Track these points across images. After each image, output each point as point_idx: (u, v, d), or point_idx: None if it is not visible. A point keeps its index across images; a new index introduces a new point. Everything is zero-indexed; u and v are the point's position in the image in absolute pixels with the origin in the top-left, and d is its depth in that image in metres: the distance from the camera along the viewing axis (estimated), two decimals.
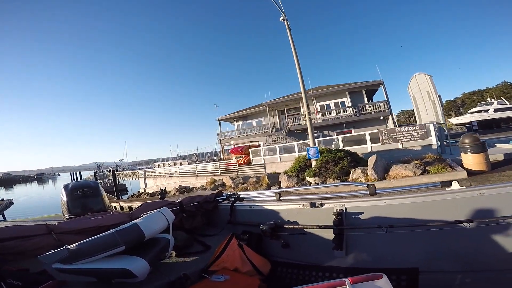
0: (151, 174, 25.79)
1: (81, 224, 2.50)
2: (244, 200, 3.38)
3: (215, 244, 2.68)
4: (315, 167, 11.14)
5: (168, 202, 3.29)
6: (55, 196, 31.46)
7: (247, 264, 2.35)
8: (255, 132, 26.18)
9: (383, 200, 2.21)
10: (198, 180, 18.06)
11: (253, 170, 16.25)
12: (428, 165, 9.53)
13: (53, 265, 1.79)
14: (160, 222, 2.25)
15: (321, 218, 2.44)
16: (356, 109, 22.05)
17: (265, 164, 16.19)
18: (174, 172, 21.46)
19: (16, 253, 1.99)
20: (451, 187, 2.05)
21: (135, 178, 31.91)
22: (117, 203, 12.44)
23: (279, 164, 15.62)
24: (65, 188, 4.15)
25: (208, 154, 40.01)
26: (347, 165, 10.89)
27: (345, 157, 11.21)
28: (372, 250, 2.23)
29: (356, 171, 10.15)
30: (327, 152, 11.54)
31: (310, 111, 12.50)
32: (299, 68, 12.23)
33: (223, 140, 28.09)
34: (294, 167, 12.22)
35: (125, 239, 1.85)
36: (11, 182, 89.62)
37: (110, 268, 1.80)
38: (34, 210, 21.04)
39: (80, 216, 3.43)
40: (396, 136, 13.82)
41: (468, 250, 1.89)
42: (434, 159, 10.52)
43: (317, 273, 2.37)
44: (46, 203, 28.56)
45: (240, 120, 29.23)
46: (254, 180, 12.78)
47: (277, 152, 16.39)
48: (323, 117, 23.43)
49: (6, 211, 15.47)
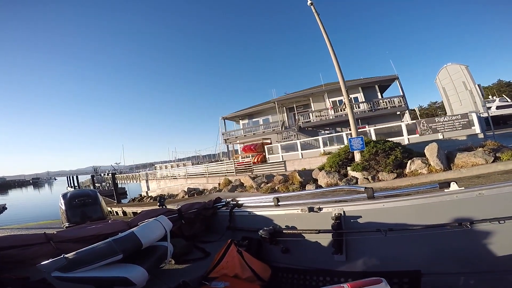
0: (154, 176, 23.44)
1: (79, 232, 2.41)
2: (243, 206, 3.26)
3: (214, 251, 2.59)
4: (361, 160, 9.24)
5: (167, 209, 3.19)
6: (50, 201, 28.92)
7: (247, 270, 2.24)
8: (263, 130, 24.33)
9: (382, 203, 2.12)
10: (209, 182, 15.96)
11: (271, 168, 14.30)
12: (495, 152, 7.88)
13: (52, 274, 1.76)
14: (158, 230, 2.17)
15: (319, 222, 2.36)
16: (371, 104, 20.44)
17: (285, 161, 14.20)
18: (181, 174, 19.26)
19: (16, 262, 1.97)
20: (450, 188, 1.97)
21: (136, 180, 29.53)
22: (118, 208, 10.93)
23: (302, 161, 13.68)
24: (63, 197, 4.07)
25: (206, 157, 37.81)
26: (400, 155, 9.02)
27: (396, 147, 9.34)
28: (373, 254, 2.12)
29: (415, 162, 8.31)
30: (373, 143, 9.62)
31: (349, 97, 10.59)
32: (334, 53, 10.48)
33: (228, 140, 26.13)
34: (333, 161, 10.23)
35: (122, 247, 1.79)
36: (6, 187, 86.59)
37: (108, 277, 1.75)
38: (28, 216, 18.69)
39: (79, 224, 3.45)
40: (436, 127, 12.45)
41: (470, 251, 1.81)
42: (499, 146, 8.79)
43: (318, 277, 2.28)
44: (41, 208, 26.13)
45: (246, 119, 27.24)
46: (281, 178, 10.79)
47: (298, 148, 14.49)
48: (335, 113, 21.67)
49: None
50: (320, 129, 22.00)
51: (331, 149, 13.70)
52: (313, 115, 22.03)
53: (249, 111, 26.66)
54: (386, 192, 2.36)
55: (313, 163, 12.87)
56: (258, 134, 24.09)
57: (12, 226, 7.42)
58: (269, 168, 14.37)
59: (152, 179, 23.19)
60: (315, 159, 13.24)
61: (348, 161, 9.95)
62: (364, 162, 9.20)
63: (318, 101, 23.22)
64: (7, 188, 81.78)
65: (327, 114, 21.79)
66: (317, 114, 21.86)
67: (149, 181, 23.34)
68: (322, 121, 21.47)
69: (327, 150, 13.81)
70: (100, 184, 37.02)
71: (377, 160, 9.17)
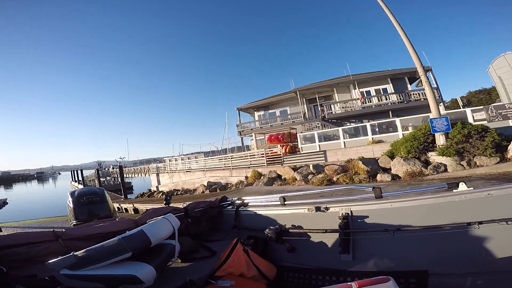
0: (165, 169, 21.02)
1: (88, 230, 2.39)
2: (249, 205, 3.10)
3: (220, 250, 2.49)
4: (450, 143, 7.02)
5: (173, 208, 3.12)
6: (54, 196, 26.36)
7: (253, 269, 2.17)
8: (281, 122, 22.17)
9: (389, 203, 2.05)
10: (233, 175, 13.63)
11: (306, 158, 12.10)
12: None
13: (61, 271, 1.72)
14: (166, 228, 2.13)
15: (326, 222, 2.28)
16: (402, 95, 18.38)
17: (325, 151, 11.91)
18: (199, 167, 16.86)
19: (25, 259, 1.95)
20: (458, 189, 1.90)
21: (144, 174, 27.14)
22: (129, 205, 9.46)
23: (347, 150, 11.46)
24: (71, 195, 4.04)
25: (210, 153, 35.38)
26: (498, 137, 6.89)
27: (488, 130, 7.18)
28: (380, 254, 2.06)
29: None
30: (461, 125, 7.39)
31: (425, 74, 8.37)
32: (404, 32, 8.21)
33: (243, 132, 23.88)
34: (411, 145, 8.05)
35: (131, 245, 1.77)
36: (11, 181, 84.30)
37: (117, 275, 1.69)
38: (29, 213, 16.17)
39: (86, 222, 3.43)
40: (506, 113, 10.69)
41: (478, 252, 1.75)
42: None
43: (324, 277, 2.21)
44: (43, 204, 23.73)
45: (262, 110, 24.98)
46: (336, 168, 8.53)
47: (340, 137, 12.21)
48: (363, 104, 19.46)
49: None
50: (345, 121, 19.90)
51: (381, 137, 11.57)
52: (339, 105, 19.94)
53: (265, 102, 24.48)
54: (394, 192, 2.28)
55: (362, 153, 10.82)
56: (275, 126, 22.01)
57: (20, 223, 6.81)
58: (304, 159, 12.15)
59: (163, 172, 20.80)
60: (364, 148, 11.19)
61: (428, 145, 7.70)
62: (454, 146, 6.93)
63: (343, 91, 21.22)
64: (12, 182, 79.67)
65: (353, 106, 19.75)
66: (343, 105, 19.75)
67: (160, 175, 20.93)
68: (348, 113, 19.47)
69: (376, 138, 11.59)
70: (105, 179, 34.66)
71: (470, 142, 6.94)
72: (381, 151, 10.25)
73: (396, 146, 8.88)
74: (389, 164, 8.18)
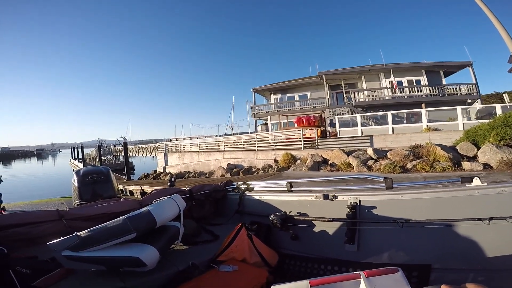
0: (175, 148, 19.00)
1: (91, 210, 2.30)
2: (254, 190, 2.99)
3: (223, 234, 2.43)
4: None
5: (178, 189, 2.97)
6: (52, 175, 23.86)
7: (255, 255, 2.12)
8: (300, 106, 20.32)
9: (400, 195, 1.99)
10: (258, 157, 11.77)
11: (347, 142, 10.50)
12: None
13: (63, 253, 1.64)
14: (172, 209, 2.02)
15: (333, 210, 2.20)
16: (437, 89, 16.93)
17: (371, 136, 10.16)
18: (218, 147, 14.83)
19: (26, 240, 1.87)
20: (472, 183, 1.83)
21: (150, 153, 25.09)
22: (136, 187, 8.06)
23: (400, 137, 9.73)
24: (76, 173, 3.95)
25: (223, 136, 33.32)
26: None
27: None
28: (385, 245, 2.00)
29: None
30: None
31: None
32: None
33: (257, 114, 21.97)
34: (504, 132, 6.50)
35: (136, 226, 1.65)
36: (10, 157, 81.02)
37: (119, 256, 1.63)
38: (24, 194, 13.93)
39: (90, 202, 3.29)
40: None
41: (485, 248, 1.70)
42: None
43: (326, 266, 2.15)
44: (41, 184, 21.61)
45: (279, 93, 23.02)
46: (407, 154, 6.73)
47: (389, 121, 10.48)
48: (394, 94, 17.63)
49: None
50: (371, 110, 18.13)
51: (437, 125, 9.93)
52: (365, 93, 18.11)
53: (284, 84, 22.57)
54: (406, 183, 2.21)
55: (416, 140, 9.36)
56: (294, 111, 20.29)
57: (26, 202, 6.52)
58: (341, 144, 10.41)
59: (172, 151, 18.83)
60: (420, 135, 9.70)
61: None
62: None
63: (371, 80, 19.43)
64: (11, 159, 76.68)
65: (381, 94, 17.94)
66: (371, 94, 17.92)
67: (168, 155, 18.97)
68: (375, 102, 17.69)
69: (431, 126, 9.89)
70: (105, 157, 32.56)
71: None
72: (441, 139, 8.88)
73: (477, 133, 7.17)
74: (472, 152, 6.79)
